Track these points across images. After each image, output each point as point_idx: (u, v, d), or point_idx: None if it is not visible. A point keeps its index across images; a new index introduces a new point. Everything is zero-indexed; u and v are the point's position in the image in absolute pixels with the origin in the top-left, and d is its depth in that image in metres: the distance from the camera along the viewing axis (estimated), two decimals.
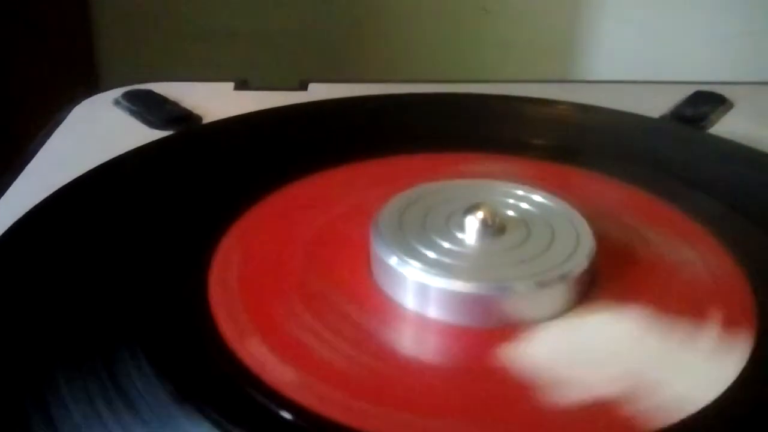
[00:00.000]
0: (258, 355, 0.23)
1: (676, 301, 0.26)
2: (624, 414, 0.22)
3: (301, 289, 0.26)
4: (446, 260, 0.25)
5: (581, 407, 0.22)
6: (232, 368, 0.22)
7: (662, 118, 0.39)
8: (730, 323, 0.25)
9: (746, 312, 0.25)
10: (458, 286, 0.24)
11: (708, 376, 0.23)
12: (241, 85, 0.43)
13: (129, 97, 0.41)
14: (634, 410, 0.22)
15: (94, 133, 0.39)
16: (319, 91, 0.42)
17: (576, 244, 0.26)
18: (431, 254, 0.25)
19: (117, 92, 0.42)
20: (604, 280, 0.26)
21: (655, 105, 0.40)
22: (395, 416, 0.21)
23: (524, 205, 0.28)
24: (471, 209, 0.26)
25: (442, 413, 0.22)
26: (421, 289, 0.25)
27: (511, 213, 0.27)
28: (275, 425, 0.21)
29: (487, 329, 0.24)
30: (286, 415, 0.21)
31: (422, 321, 0.25)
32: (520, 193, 0.28)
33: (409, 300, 0.25)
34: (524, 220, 0.27)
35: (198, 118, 0.39)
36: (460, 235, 0.26)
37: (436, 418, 0.21)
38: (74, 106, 0.41)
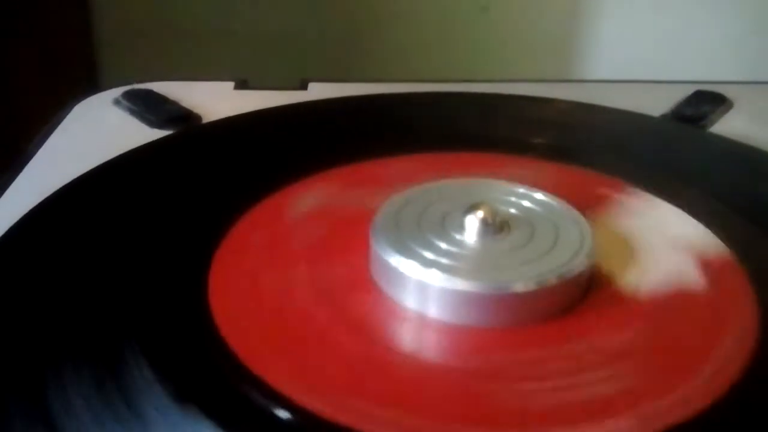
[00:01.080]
0: (258, 355, 0.23)
1: (676, 301, 0.26)
2: (624, 416, 0.22)
3: (302, 290, 0.26)
4: (446, 259, 0.25)
5: (581, 409, 0.22)
6: (233, 369, 0.22)
7: (662, 117, 0.39)
8: (731, 324, 0.25)
9: (747, 312, 0.25)
10: (458, 285, 0.24)
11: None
12: (241, 84, 0.43)
13: (129, 96, 0.41)
14: (633, 413, 0.22)
15: (94, 132, 0.39)
16: (319, 91, 0.42)
17: (576, 244, 0.26)
18: (431, 254, 0.25)
19: (117, 91, 0.42)
20: (603, 279, 0.26)
21: (656, 104, 0.40)
22: (396, 416, 0.21)
23: (524, 205, 0.28)
24: (471, 208, 0.26)
25: (443, 413, 0.22)
26: (421, 289, 0.25)
27: (511, 212, 0.27)
28: (276, 426, 0.21)
29: (487, 329, 0.24)
30: (286, 415, 0.21)
31: (422, 320, 0.25)
32: (520, 192, 0.28)
33: (409, 299, 0.25)
34: (524, 219, 0.27)
35: (198, 118, 0.39)
36: (460, 235, 0.26)
37: (436, 418, 0.21)
38: (74, 106, 0.41)
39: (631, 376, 0.23)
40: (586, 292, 0.26)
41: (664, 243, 0.29)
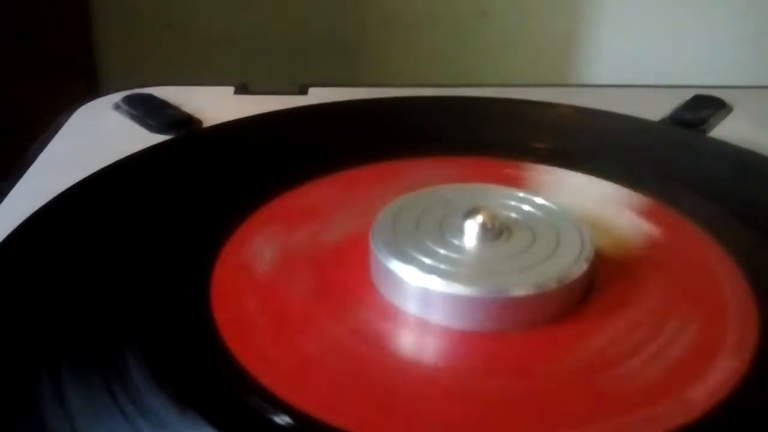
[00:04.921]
0: (259, 359, 0.23)
1: (676, 304, 0.26)
2: (624, 420, 0.22)
3: (302, 295, 0.26)
4: (445, 264, 0.25)
5: (581, 412, 0.22)
6: (233, 373, 0.23)
7: (662, 121, 0.39)
8: (731, 327, 0.25)
9: (747, 315, 0.25)
10: (458, 290, 0.24)
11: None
12: (241, 89, 0.44)
13: (129, 101, 0.41)
14: (633, 417, 0.22)
15: (95, 137, 0.39)
16: (319, 95, 0.42)
17: (575, 248, 0.26)
18: (430, 258, 0.25)
19: (117, 96, 0.42)
20: (603, 283, 0.26)
21: (655, 109, 0.40)
22: (396, 420, 0.21)
23: (524, 209, 0.28)
24: (471, 213, 0.26)
25: (442, 417, 0.22)
26: (421, 294, 0.25)
27: (510, 217, 0.27)
28: (276, 431, 0.21)
29: (487, 333, 0.24)
30: (288, 420, 0.21)
31: (423, 325, 0.25)
32: (520, 196, 0.29)
33: (409, 305, 0.25)
34: (524, 224, 0.27)
35: (198, 122, 0.39)
36: (459, 239, 0.26)
37: (435, 422, 0.21)
38: (74, 111, 0.41)
39: (631, 380, 0.23)
40: (587, 297, 0.26)
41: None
